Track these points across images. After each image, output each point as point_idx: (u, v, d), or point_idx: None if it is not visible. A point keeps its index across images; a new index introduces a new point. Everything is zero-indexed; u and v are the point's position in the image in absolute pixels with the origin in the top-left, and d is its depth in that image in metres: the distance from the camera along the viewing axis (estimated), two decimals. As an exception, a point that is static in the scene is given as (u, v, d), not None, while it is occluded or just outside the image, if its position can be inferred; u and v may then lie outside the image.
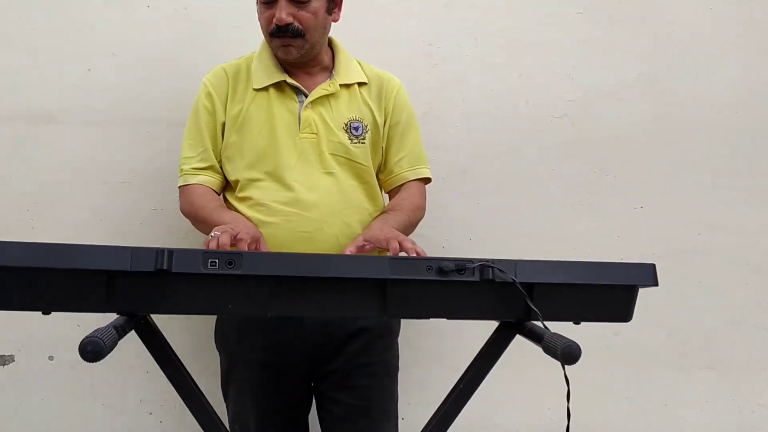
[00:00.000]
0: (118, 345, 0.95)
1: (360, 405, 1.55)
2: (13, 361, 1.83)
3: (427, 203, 1.73)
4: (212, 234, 1.28)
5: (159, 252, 1.00)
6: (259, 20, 1.58)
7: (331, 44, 1.67)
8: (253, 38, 1.90)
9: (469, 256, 1.94)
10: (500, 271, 1.07)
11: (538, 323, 1.08)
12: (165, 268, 1.00)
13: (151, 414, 1.90)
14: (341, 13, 1.62)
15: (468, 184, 2.01)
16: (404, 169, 1.67)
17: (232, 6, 1.90)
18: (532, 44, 2.04)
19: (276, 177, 1.54)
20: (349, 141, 1.58)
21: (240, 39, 1.89)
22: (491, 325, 1.23)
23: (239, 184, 1.57)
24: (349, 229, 1.53)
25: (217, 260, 1.02)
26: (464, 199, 2.01)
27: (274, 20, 1.50)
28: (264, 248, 1.38)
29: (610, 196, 2.07)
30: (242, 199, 1.56)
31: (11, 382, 1.83)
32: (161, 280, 1.01)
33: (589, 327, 2.00)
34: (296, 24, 1.51)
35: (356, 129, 1.59)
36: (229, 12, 1.90)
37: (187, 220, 1.63)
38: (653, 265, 1.13)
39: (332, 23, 1.61)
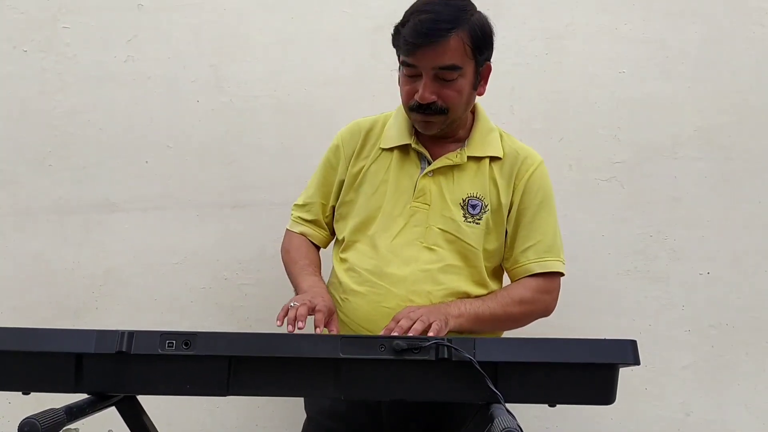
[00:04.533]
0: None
1: None
2: (78, 433, 1.96)
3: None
4: (291, 304, 1.28)
5: (121, 334, 1.05)
6: (399, 86, 1.47)
7: (473, 112, 1.54)
8: (295, 122, 2.00)
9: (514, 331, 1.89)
10: (456, 350, 1.02)
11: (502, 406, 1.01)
12: (124, 350, 1.05)
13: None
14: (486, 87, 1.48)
15: (511, 253, 1.93)
16: (530, 260, 1.47)
17: (272, 94, 2.00)
18: (572, 107, 1.97)
19: (374, 243, 1.45)
20: (463, 218, 1.45)
21: (281, 123, 2.00)
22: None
23: (344, 243, 1.52)
24: None
25: (174, 341, 1.05)
26: (507, 270, 1.93)
27: (416, 97, 1.39)
28: (335, 323, 1.35)
29: (671, 262, 1.91)
30: (342, 260, 1.51)
31: (75, 454, 1.95)
32: (122, 361, 1.06)
33: (655, 407, 1.84)
34: (439, 102, 1.39)
35: (474, 207, 1.46)
36: (269, 100, 2.00)
37: (240, 293, 1.92)
38: (633, 342, 1.02)
39: (477, 96, 1.49)
